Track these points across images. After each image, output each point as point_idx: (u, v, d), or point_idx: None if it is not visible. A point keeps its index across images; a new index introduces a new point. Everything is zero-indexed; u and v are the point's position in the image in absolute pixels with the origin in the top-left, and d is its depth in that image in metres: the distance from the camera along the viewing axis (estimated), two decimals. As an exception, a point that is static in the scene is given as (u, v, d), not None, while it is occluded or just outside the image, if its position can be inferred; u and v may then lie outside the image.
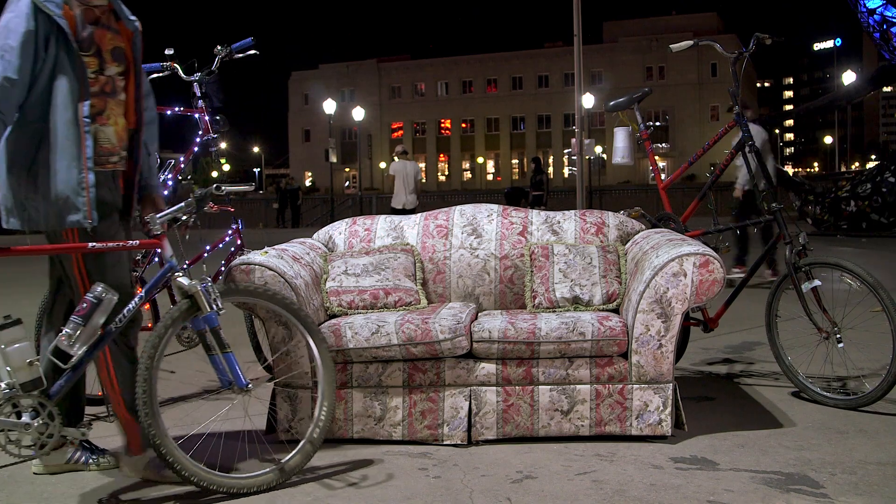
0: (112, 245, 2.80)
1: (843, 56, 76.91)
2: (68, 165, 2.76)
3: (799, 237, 3.90)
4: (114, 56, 2.91)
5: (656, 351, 3.24)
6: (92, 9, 2.86)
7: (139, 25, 3.02)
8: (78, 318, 2.64)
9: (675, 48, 4.59)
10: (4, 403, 2.58)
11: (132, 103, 2.98)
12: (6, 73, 2.67)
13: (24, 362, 2.61)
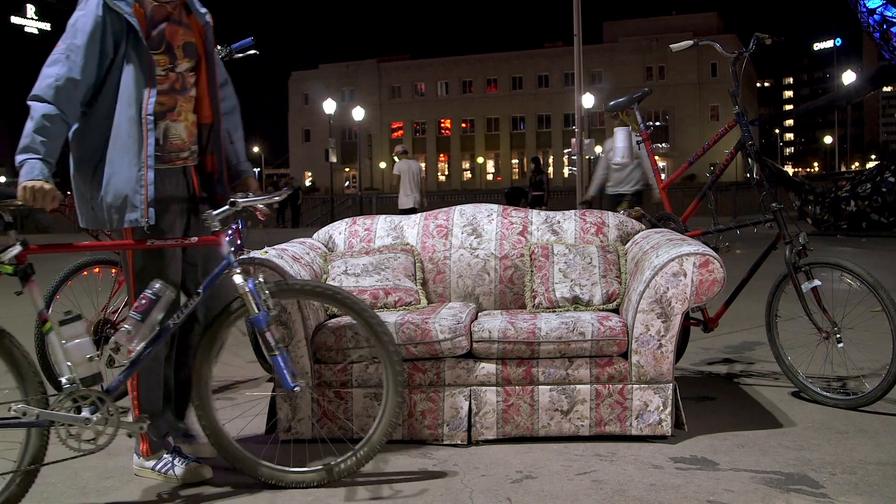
0: (171, 242, 2.81)
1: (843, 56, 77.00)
2: (129, 163, 2.77)
3: (799, 237, 3.89)
4: (185, 52, 2.92)
5: (656, 351, 3.24)
6: (163, 6, 2.87)
7: (210, 18, 3.02)
8: (136, 315, 2.66)
9: (675, 48, 4.59)
10: (65, 398, 2.60)
11: (205, 98, 2.99)
12: (70, 74, 2.70)
13: (85, 357, 2.63)
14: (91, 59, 2.73)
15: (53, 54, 2.75)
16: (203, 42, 2.97)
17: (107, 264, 3.98)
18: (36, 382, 2.59)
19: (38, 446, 2.57)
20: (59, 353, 2.62)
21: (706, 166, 38.78)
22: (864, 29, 18.22)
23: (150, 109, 2.78)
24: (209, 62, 2.99)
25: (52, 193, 2.62)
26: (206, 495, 2.81)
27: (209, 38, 2.99)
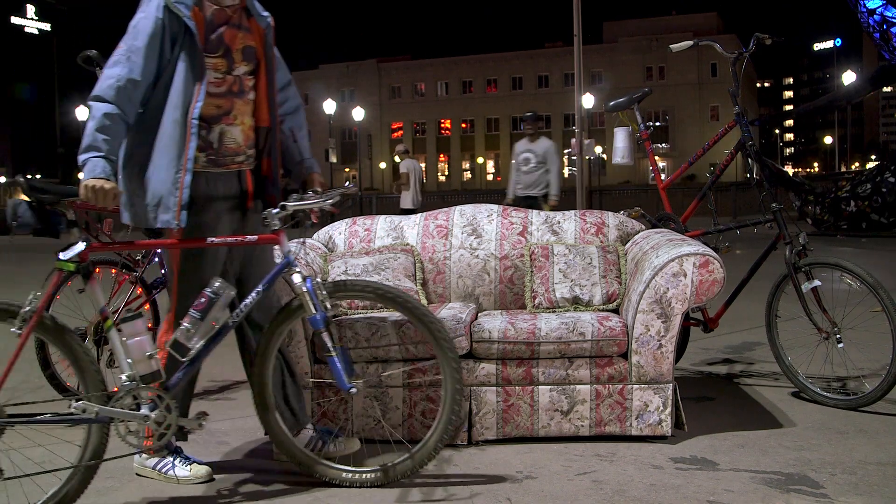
0: (231, 240, 2.81)
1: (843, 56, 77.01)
2: (168, 165, 2.79)
3: (799, 237, 3.89)
4: (244, 55, 2.94)
5: (656, 351, 3.24)
6: (223, 9, 2.89)
7: (272, 21, 3.03)
8: (196, 313, 2.65)
9: (675, 48, 4.59)
10: (125, 395, 2.61)
11: (263, 101, 2.99)
12: (131, 75, 2.74)
13: (145, 355, 2.64)
14: (150, 61, 2.78)
15: (114, 55, 2.79)
16: (263, 45, 2.98)
17: (107, 265, 3.98)
18: (97, 379, 2.60)
19: (99, 442, 2.58)
20: (120, 351, 2.64)
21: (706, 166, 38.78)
22: (864, 29, 18.22)
23: (195, 113, 2.80)
24: (268, 65, 3.00)
25: (112, 192, 2.62)
26: (205, 496, 2.81)
27: (269, 42, 3.00)
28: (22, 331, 2.51)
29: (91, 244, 2.68)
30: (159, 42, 2.78)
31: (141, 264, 4.10)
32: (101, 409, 2.57)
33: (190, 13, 2.79)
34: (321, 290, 2.73)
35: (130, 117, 2.78)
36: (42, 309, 2.53)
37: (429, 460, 2.84)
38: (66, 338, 2.60)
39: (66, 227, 2.64)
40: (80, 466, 2.56)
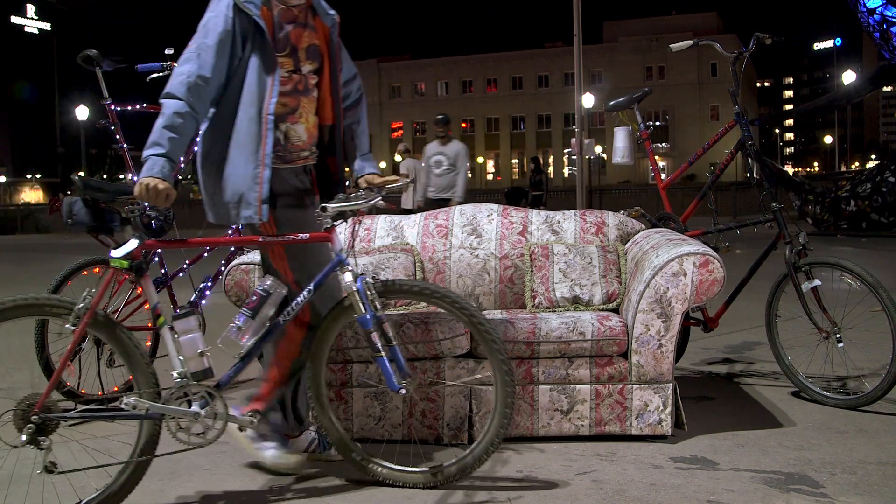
0: (282, 238, 2.81)
1: (843, 56, 76.96)
2: (246, 161, 2.81)
3: (799, 237, 3.89)
4: (308, 54, 2.97)
5: (656, 351, 3.23)
6: (290, 9, 2.91)
7: (337, 18, 3.05)
8: (247, 310, 2.67)
9: (675, 48, 4.59)
10: (176, 392, 2.62)
11: (327, 99, 3.02)
12: (201, 72, 2.76)
13: (196, 352, 2.64)
14: (221, 58, 2.80)
15: (185, 53, 2.82)
16: (327, 43, 3.00)
17: (107, 264, 3.97)
18: (148, 374, 2.61)
19: (149, 439, 2.59)
20: (172, 348, 2.64)
21: (706, 166, 38.80)
22: (864, 29, 18.23)
23: (270, 109, 2.82)
24: (332, 64, 3.02)
25: (166, 192, 2.61)
26: (210, 495, 2.81)
27: (333, 40, 3.02)
28: (76, 327, 2.53)
29: (144, 241, 2.68)
30: (230, 40, 2.81)
31: (141, 264, 4.09)
32: (152, 405, 2.57)
33: (259, 11, 2.82)
34: (371, 289, 2.70)
35: (201, 115, 2.80)
36: (95, 306, 2.55)
37: (480, 463, 2.77)
38: (118, 334, 2.61)
39: (119, 224, 2.66)
40: (132, 462, 2.58)
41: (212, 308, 4.46)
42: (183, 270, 4.30)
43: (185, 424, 2.63)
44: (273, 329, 2.73)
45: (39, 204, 50.60)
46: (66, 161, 60.15)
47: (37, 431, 2.49)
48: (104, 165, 57.18)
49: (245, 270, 3.29)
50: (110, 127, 4.20)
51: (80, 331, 2.55)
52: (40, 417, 2.51)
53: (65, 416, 2.58)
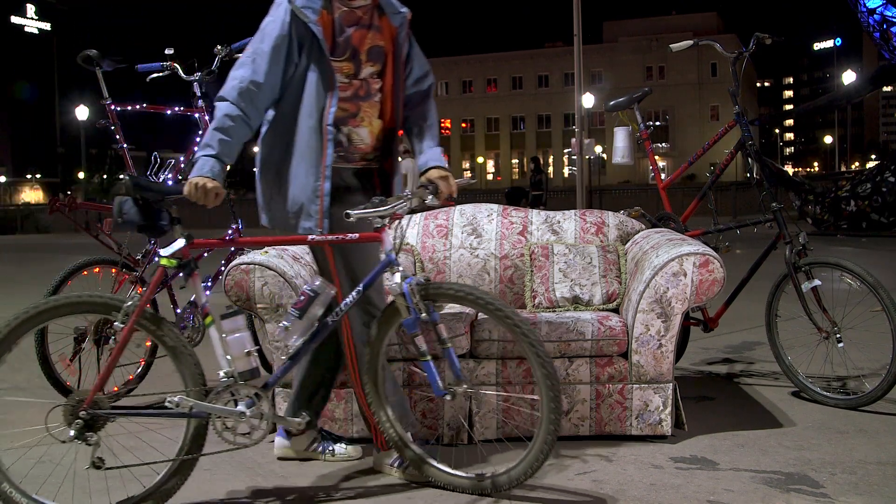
0: (331, 238, 2.79)
1: (843, 56, 76.98)
2: (307, 172, 2.82)
3: (799, 237, 3.89)
4: (370, 56, 2.92)
5: (656, 351, 3.23)
6: (353, 11, 2.88)
7: (408, 15, 2.99)
8: (295, 311, 2.66)
9: (675, 48, 4.59)
10: (223, 391, 2.61)
11: (388, 101, 2.97)
12: (254, 77, 2.77)
13: (243, 352, 2.64)
14: (275, 64, 2.80)
15: (241, 57, 2.84)
16: (392, 43, 2.94)
17: (107, 264, 3.98)
18: (195, 372, 2.61)
19: (196, 437, 2.60)
20: (219, 347, 2.64)
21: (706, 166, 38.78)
22: (864, 29, 18.24)
23: (330, 120, 2.81)
24: (396, 65, 2.96)
25: (215, 191, 2.64)
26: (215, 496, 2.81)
27: (399, 40, 2.95)
28: (125, 324, 2.56)
29: (192, 241, 2.68)
30: (286, 46, 2.80)
31: (141, 264, 4.09)
32: (198, 404, 2.57)
33: (317, 18, 2.79)
34: (416, 293, 2.64)
35: (253, 119, 2.80)
36: (144, 304, 2.58)
37: (532, 472, 2.63)
38: (164, 331, 2.62)
39: (169, 223, 2.67)
40: (178, 460, 2.58)
41: (212, 308, 4.46)
42: (183, 270, 4.30)
43: (231, 424, 2.62)
44: (321, 329, 2.71)
45: (39, 204, 50.59)
46: (66, 161, 60.14)
47: (85, 427, 2.53)
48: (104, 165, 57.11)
49: (245, 270, 3.28)
50: (110, 127, 4.20)
51: (129, 327, 2.57)
52: (88, 414, 2.54)
53: (112, 412, 2.59)
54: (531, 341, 2.59)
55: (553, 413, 2.57)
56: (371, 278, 2.74)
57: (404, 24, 2.96)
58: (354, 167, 2.95)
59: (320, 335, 2.71)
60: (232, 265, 3.37)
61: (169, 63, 4.26)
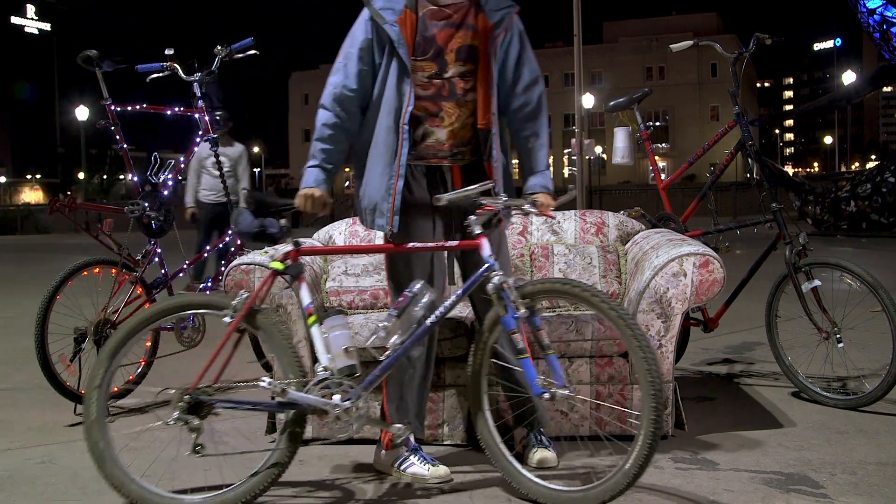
0: (431, 245, 2.81)
1: (843, 56, 77.02)
2: (382, 172, 2.85)
3: (799, 237, 3.89)
4: (459, 55, 2.87)
5: (656, 351, 3.23)
6: (441, 9, 2.86)
7: (514, 11, 2.90)
8: (394, 312, 2.68)
9: (675, 48, 4.59)
10: (320, 384, 2.67)
11: (482, 102, 2.90)
12: (346, 82, 2.86)
13: (342, 349, 2.69)
14: (363, 66, 2.86)
15: (335, 63, 2.91)
16: (487, 44, 2.86)
17: (107, 265, 3.98)
18: (295, 364, 2.68)
19: (294, 427, 2.65)
20: (320, 343, 2.70)
21: (706, 166, 38.77)
22: (864, 29, 18.24)
23: (406, 119, 2.82)
24: (490, 65, 2.87)
25: (321, 200, 2.79)
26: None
27: (495, 40, 2.85)
28: (232, 319, 2.67)
29: (300, 247, 2.77)
30: (370, 47, 2.85)
31: (141, 264, 4.09)
32: (294, 394, 2.63)
33: (396, 18, 2.80)
34: (513, 291, 2.63)
35: (351, 122, 2.88)
36: (251, 302, 2.69)
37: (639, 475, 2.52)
38: (269, 326, 2.72)
39: (280, 232, 2.79)
40: (277, 450, 2.62)
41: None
42: (183, 271, 4.31)
43: (327, 417, 2.68)
44: (420, 331, 2.70)
45: (39, 204, 50.62)
46: (66, 161, 60.16)
47: (188, 411, 2.62)
48: (104, 166, 57.14)
49: (245, 271, 3.29)
50: (110, 127, 4.19)
51: (235, 323, 2.68)
52: (192, 399, 2.63)
53: (213, 400, 2.66)
54: (635, 335, 2.53)
55: (654, 413, 2.51)
56: (470, 283, 2.75)
57: (503, 23, 2.86)
58: (424, 164, 2.93)
59: (420, 336, 2.71)
60: (232, 265, 3.37)
61: (169, 63, 4.25)
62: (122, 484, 2.62)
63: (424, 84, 2.85)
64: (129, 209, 4.09)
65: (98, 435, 2.62)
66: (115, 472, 2.62)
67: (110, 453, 2.63)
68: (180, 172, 4.38)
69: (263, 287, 2.76)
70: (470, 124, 2.92)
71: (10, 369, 4.96)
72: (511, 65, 2.93)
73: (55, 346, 3.74)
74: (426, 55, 2.84)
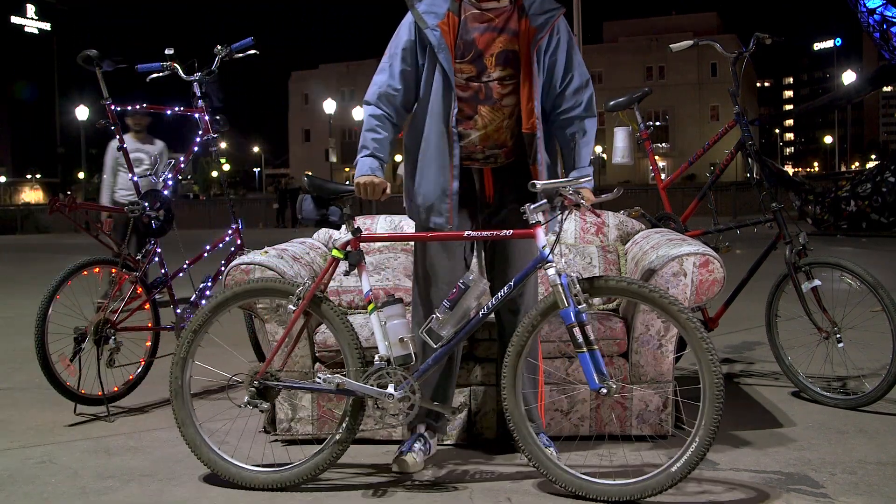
0: (486, 234, 2.85)
1: (843, 56, 77.03)
2: (437, 173, 2.94)
3: (799, 237, 3.89)
4: (498, 60, 2.92)
5: (656, 351, 3.23)
6: (483, 13, 2.92)
7: (557, 15, 2.92)
8: (447, 303, 2.75)
9: (675, 48, 4.59)
10: (375, 373, 2.77)
11: (525, 107, 2.92)
12: (390, 81, 2.99)
13: (398, 338, 2.79)
14: (406, 65, 2.97)
15: (381, 62, 3.04)
16: (530, 48, 2.89)
17: (107, 264, 3.98)
18: (355, 352, 2.80)
19: (353, 415, 2.79)
20: (379, 332, 2.81)
21: (706, 166, 38.77)
22: (864, 29, 18.22)
23: (453, 121, 2.91)
24: (532, 70, 2.89)
25: (381, 186, 2.89)
26: (204, 497, 2.81)
27: (538, 44, 2.88)
28: (297, 306, 2.82)
29: (359, 235, 2.87)
30: (413, 48, 2.95)
31: (141, 264, 4.09)
32: (347, 382, 2.75)
33: (438, 22, 2.89)
34: (575, 285, 2.67)
35: (397, 118, 3.00)
36: (315, 289, 2.82)
37: (690, 470, 2.57)
38: (330, 313, 2.84)
39: (340, 219, 2.89)
40: (338, 432, 2.76)
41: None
42: (183, 270, 4.31)
43: (382, 405, 2.76)
44: (472, 321, 2.75)
45: (39, 204, 50.57)
46: (66, 161, 60.16)
47: (256, 395, 2.82)
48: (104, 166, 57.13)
49: (245, 270, 3.29)
50: (110, 127, 4.19)
51: (300, 309, 2.82)
52: (260, 383, 2.83)
53: (279, 384, 2.86)
54: (704, 340, 2.55)
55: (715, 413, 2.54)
56: (523, 274, 2.78)
57: (546, 26, 2.89)
58: (466, 166, 3.01)
59: (471, 327, 2.76)
60: (232, 265, 3.37)
61: (169, 63, 4.25)
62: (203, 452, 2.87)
63: (462, 86, 2.92)
64: (130, 209, 4.09)
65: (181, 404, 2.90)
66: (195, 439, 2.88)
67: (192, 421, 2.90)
68: (180, 172, 4.38)
69: (325, 274, 2.86)
70: (505, 127, 2.95)
71: (10, 369, 4.96)
72: (560, 69, 2.96)
73: (55, 345, 3.74)
74: (465, 58, 2.90)
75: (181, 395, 2.89)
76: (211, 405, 3.84)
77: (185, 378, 2.90)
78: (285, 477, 2.78)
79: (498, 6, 2.90)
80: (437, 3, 2.90)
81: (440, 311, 2.75)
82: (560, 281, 2.66)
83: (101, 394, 3.83)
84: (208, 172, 64.71)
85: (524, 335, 2.74)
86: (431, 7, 2.89)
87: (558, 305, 2.66)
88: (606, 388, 2.63)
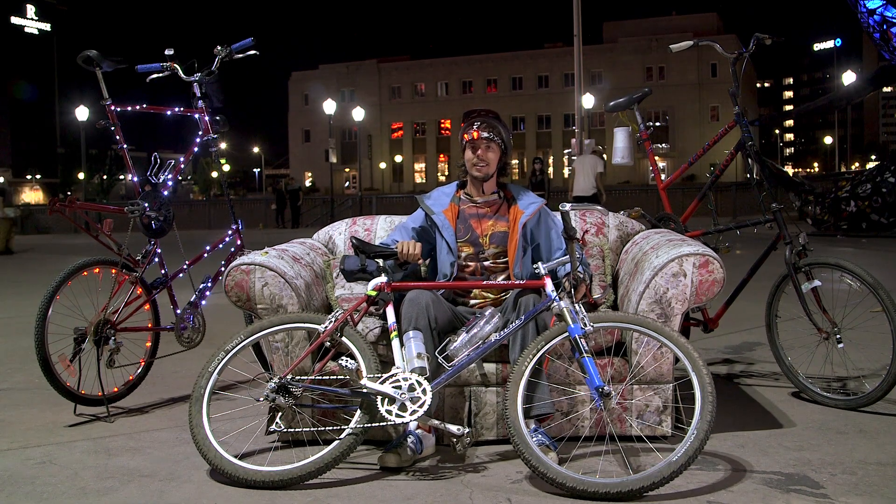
0: (498, 283, 3.34)
1: (843, 56, 76.99)
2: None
3: (799, 237, 3.89)
4: (492, 240, 3.53)
5: (656, 351, 3.23)
6: (478, 207, 3.60)
7: (541, 203, 3.59)
8: (465, 329, 3.08)
9: (675, 48, 4.59)
10: (390, 378, 2.97)
11: (511, 268, 3.49)
12: (401, 233, 3.61)
13: (415, 353, 3.05)
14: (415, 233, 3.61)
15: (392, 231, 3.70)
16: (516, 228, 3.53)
17: (107, 265, 3.97)
18: (372, 361, 3.02)
19: (368, 414, 2.94)
20: (399, 354, 3.06)
21: (706, 166, 38.79)
22: (864, 29, 18.23)
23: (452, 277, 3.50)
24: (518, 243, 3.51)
25: (419, 246, 3.37)
26: (206, 497, 2.81)
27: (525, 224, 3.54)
28: (327, 328, 3.09)
29: (391, 282, 3.21)
30: (424, 223, 3.62)
31: (141, 264, 4.09)
32: (370, 385, 2.94)
33: (442, 209, 3.57)
34: (583, 310, 2.97)
35: None
36: (348, 313, 3.13)
37: (687, 466, 2.66)
38: (353, 333, 3.10)
39: (377, 271, 3.23)
40: (356, 429, 2.91)
41: (212, 308, 4.46)
42: (183, 271, 4.30)
43: (395, 407, 2.93)
44: (485, 347, 3.03)
45: (39, 204, 50.59)
46: (66, 161, 60.14)
47: (276, 391, 2.98)
48: (104, 166, 57.14)
49: (246, 271, 3.29)
50: (110, 127, 4.19)
51: (329, 331, 3.09)
52: (281, 381, 2.99)
53: (299, 383, 3.02)
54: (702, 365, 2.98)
55: (709, 414, 2.77)
56: (533, 312, 3.08)
57: (531, 210, 3.51)
58: None
59: (483, 352, 3.04)
60: (232, 266, 3.37)
61: (169, 63, 4.25)
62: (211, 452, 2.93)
63: (461, 265, 3.49)
64: (129, 209, 4.09)
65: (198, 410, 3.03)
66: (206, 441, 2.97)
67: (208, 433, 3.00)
68: (180, 172, 4.38)
69: (358, 307, 3.16)
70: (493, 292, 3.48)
71: (10, 369, 4.96)
72: (552, 235, 3.55)
73: (55, 346, 3.74)
74: (464, 238, 3.52)
75: (200, 401, 3.04)
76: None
77: (207, 388, 3.06)
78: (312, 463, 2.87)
79: (489, 200, 3.58)
80: (441, 199, 3.60)
81: (458, 335, 3.06)
82: (566, 306, 2.97)
83: (101, 394, 3.83)
84: (208, 173, 64.75)
85: (541, 345, 2.96)
86: (436, 204, 3.58)
87: (567, 323, 2.93)
88: (608, 388, 2.75)
